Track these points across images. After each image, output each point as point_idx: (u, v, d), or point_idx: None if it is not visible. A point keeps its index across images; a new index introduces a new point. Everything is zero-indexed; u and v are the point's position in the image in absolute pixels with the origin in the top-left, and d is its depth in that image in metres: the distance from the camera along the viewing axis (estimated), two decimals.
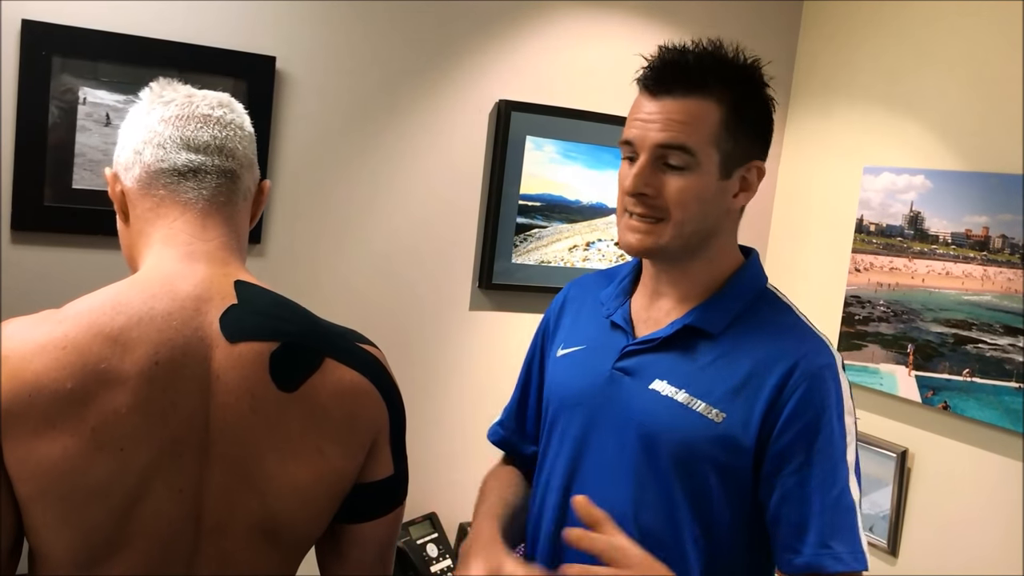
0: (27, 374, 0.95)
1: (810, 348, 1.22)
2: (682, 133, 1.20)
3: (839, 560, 1.14)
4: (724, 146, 1.22)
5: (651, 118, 1.22)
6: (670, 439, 1.22)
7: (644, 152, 1.22)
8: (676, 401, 1.22)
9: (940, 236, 2.29)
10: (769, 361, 1.20)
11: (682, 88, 1.21)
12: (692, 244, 1.25)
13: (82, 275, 1.94)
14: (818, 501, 1.16)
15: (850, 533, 1.16)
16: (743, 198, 1.28)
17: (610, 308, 1.36)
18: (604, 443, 1.28)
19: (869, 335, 2.43)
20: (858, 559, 1.15)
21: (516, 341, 2.48)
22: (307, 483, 1.06)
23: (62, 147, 1.89)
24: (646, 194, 1.22)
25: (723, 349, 1.24)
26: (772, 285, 1.34)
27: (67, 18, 1.86)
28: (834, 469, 1.17)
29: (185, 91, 1.12)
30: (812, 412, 1.18)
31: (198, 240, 1.07)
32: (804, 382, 1.18)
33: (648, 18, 2.52)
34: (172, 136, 1.07)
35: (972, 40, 2.26)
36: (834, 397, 1.20)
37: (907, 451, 2.32)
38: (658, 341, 1.27)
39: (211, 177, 1.08)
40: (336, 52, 2.16)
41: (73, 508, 0.97)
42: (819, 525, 1.16)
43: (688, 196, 1.21)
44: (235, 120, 1.12)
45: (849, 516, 1.16)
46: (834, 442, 1.18)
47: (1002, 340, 2.13)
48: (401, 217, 2.29)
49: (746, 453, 1.19)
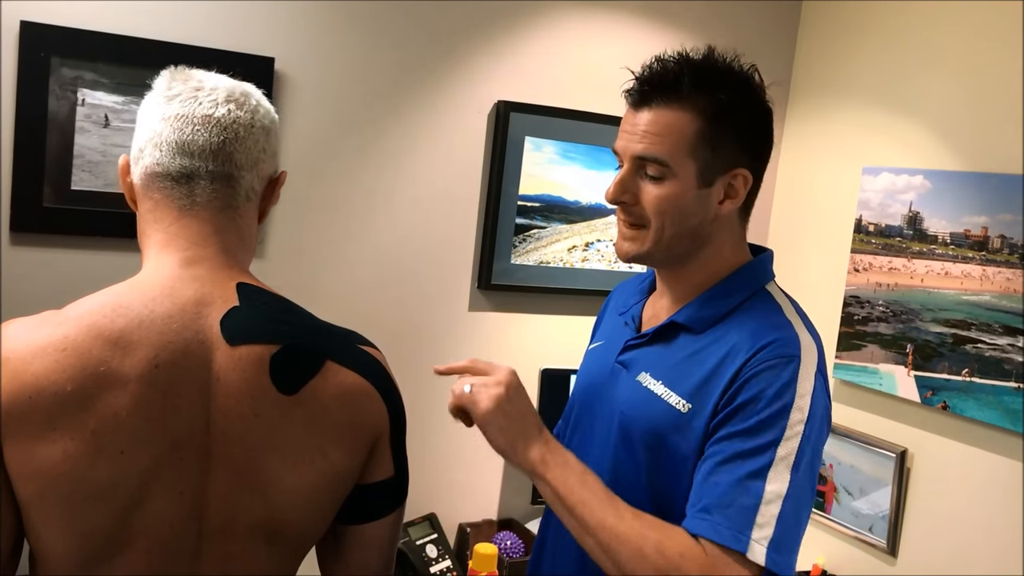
0: (27, 376, 0.95)
1: (779, 342, 1.21)
2: (655, 145, 1.24)
3: (716, 531, 1.10)
4: (702, 155, 1.24)
5: (632, 130, 1.27)
6: (642, 427, 1.27)
7: (626, 162, 1.28)
8: (653, 392, 1.27)
9: (939, 236, 2.29)
10: (734, 352, 1.22)
11: (659, 99, 1.25)
12: (678, 249, 1.29)
13: (81, 276, 1.94)
14: (724, 475, 1.14)
15: (741, 514, 1.11)
16: (729, 205, 1.29)
17: (627, 306, 1.45)
18: (595, 430, 1.36)
19: (868, 335, 2.43)
20: (738, 540, 1.09)
21: (515, 341, 2.49)
22: (308, 484, 1.06)
23: (61, 148, 1.89)
24: (624, 202, 1.28)
25: (702, 344, 1.27)
26: (776, 285, 1.35)
27: (66, 19, 1.86)
28: (753, 453, 1.14)
29: (195, 83, 1.09)
30: (752, 394, 1.17)
31: (196, 246, 1.06)
32: (755, 367, 1.18)
33: (647, 19, 2.52)
34: (168, 139, 1.06)
35: (971, 40, 2.26)
36: (781, 388, 1.17)
37: (906, 451, 2.32)
38: (649, 336, 1.34)
39: (204, 183, 1.07)
40: (335, 53, 2.16)
41: (73, 509, 0.97)
42: (713, 495, 1.13)
43: (664, 204, 1.25)
44: (240, 118, 1.08)
45: (747, 498, 1.12)
46: (765, 430, 1.15)
47: (1001, 340, 2.13)
48: (400, 218, 2.29)
49: (703, 440, 1.21)
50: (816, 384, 1.20)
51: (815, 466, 1.20)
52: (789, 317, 1.27)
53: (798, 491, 1.14)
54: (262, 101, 1.13)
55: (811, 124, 2.72)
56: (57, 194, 1.90)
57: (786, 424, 1.15)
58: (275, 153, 1.14)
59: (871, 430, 2.40)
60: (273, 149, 1.13)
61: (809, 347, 1.22)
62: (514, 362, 2.45)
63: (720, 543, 1.10)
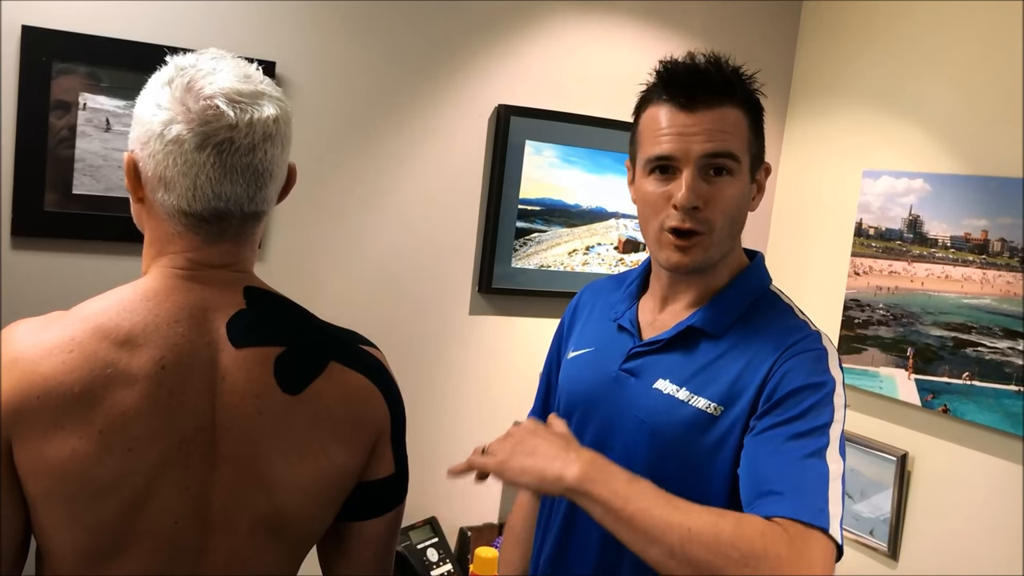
0: (36, 377, 0.97)
1: (806, 338, 1.24)
2: (727, 141, 1.24)
3: (796, 509, 1.06)
4: (752, 150, 1.29)
5: (689, 130, 1.24)
6: (673, 433, 1.25)
7: (689, 165, 1.24)
8: (677, 398, 1.25)
9: (939, 239, 2.29)
10: (764, 353, 1.22)
11: (715, 98, 1.25)
12: (727, 250, 1.31)
13: (82, 280, 1.94)
14: (786, 457, 1.12)
15: (816, 492, 1.09)
16: (759, 199, 1.34)
17: (618, 311, 1.41)
18: (611, 442, 1.31)
19: (869, 338, 2.43)
20: (821, 516, 1.06)
21: (516, 345, 2.49)
22: (312, 481, 1.08)
23: (62, 152, 1.89)
24: (697, 207, 1.24)
25: (724, 348, 1.27)
26: (776, 287, 1.37)
27: (67, 24, 1.87)
28: (811, 434, 1.13)
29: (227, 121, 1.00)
30: (797, 385, 1.17)
31: (208, 268, 1.06)
32: (790, 359, 1.20)
33: (648, 22, 2.53)
34: (203, 186, 1.00)
35: (971, 43, 2.27)
36: (822, 377, 1.19)
37: (907, 454, 2.32)
38: (663, 343, 1.31)
39: (236, 222, 1.05)
40: (336, 57, 2.16)
41: (81, 507, 0.99)
42: (779, 477, 1.11)
43: (732, 204, 1.26)
44: (275, 157, 1.04)
45: (816, 477, 1.10)
46: (818, 414, 1.15)
47: (1002, 343, 2.14)
48: (401, 221, 2.30)
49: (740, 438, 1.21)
50: (842, 374, 1.23)
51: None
52: (802, 317, 1.30)
53: (844, 472, 1.16)
54: (284, 110, 1.07)
55: (811, 127, 2.72)
56: (58, 198, 1.90)
57: (833, 408, 1.17)
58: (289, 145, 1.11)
59: (872, 433, 2.40)
60: (289, 147, 1.10)
61: (828, 341, 1.26)
62: (514, 366, 2.47)
63: (804, 520, 1.05)
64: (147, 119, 1.02)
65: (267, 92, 1.06)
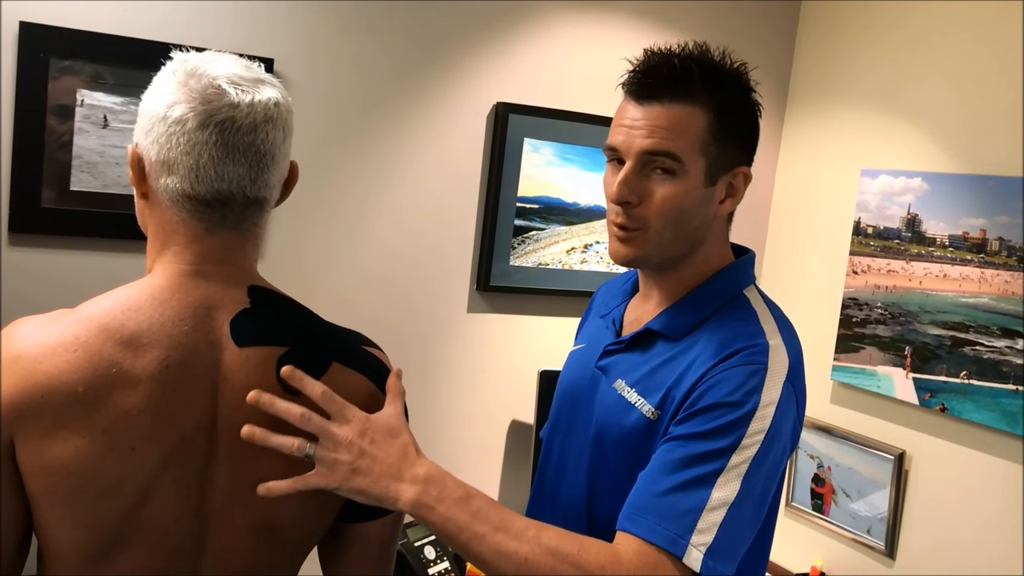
0: (39, 376, 0.97)
1: (747, 349, 1.18)
2: (668, 140, 1.19)
3: (652, 531, 1.06)
4: (710, 153, 1.21)
5: (637, 124, 1.21)
6: (615, 435, 1.25)
7: (630, 159, 1.22)
8: (627, 400, 1.25)
9: (937, 239, 2.29)
10: (703, 359, 1.19)
11: (668, 94, 1.20)
12: (675, 252, 1.26)
13: (80, 278, 1.94)
14: (672, 477, 1.10)
15: (683, 517, 1.07)
16: (729, 204, 1.27)
17: (610, 308, 1.42)
18: (572, 436, 1.34)
19: (867, 337, 2.44)
20: (676, 543, 1.05)
21: (514, 343, 2.49)
22: None
23: (60, 149, 1.88)
24: (630, 202, 1.22)
25: (676, 351, 1.24)
26: (755, 289, 1.31)
27: (65, 20, 1.86)
28: (705, 458, 1.10)
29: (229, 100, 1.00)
30: (713, 400, 1.13)
31: (213, 261, 1.05)
32: (724, 371, 1.15)
33: (645, 20, 2.53)
34: (205, 167, 1.00)
35: (970, 43, 2.27)
36: (744, 395, 1.13)
37: (905, 453, 2.32)
38: (627, 342, 1.31)
39: (238, 208, 1.04)
40: (334, 55, 2.16)
41: (82, 506, 0.99)
42: (655, 495, 1.10)
43: (671, 204, 1.21)
44: (276, 139, 1.04)
45: (691, 502, 1.08)
46: (721, 436, 1.11)
47: (999, 342, 2.14)
48: (399, 219, 2.29)
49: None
50: (783, 394, 1.16)
51: (773, 476, 1.17)
52: (763, 325, 1.23)
53: (746, 500, 1.11)
54: (284, 98, 1.07)
55: (810, 126, 2.72)
56: (56, 195, 1.90)
57: (744, 433, 1.11)
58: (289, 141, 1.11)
59: (869, 432, 2.41)
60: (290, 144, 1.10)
61: (779, 356, 1.19)
62: (512, 364, 2.47)
63: (657, 545, 1.06)
64: (150, 108, 1.03)
65: (268, 80, 1.07)
